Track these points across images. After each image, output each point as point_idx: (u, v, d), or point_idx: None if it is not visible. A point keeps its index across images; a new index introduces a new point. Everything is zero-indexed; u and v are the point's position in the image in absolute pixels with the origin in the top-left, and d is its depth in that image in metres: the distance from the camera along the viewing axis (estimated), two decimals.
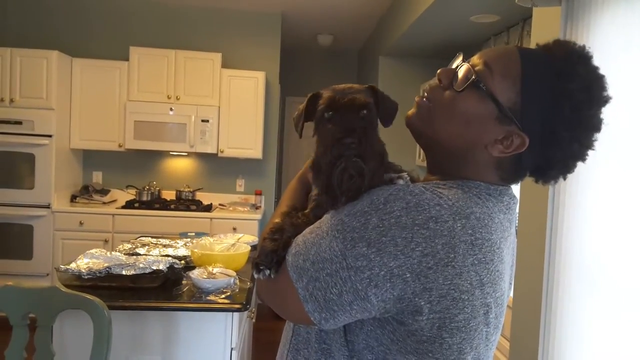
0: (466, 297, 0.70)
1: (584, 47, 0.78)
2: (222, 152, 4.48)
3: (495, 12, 3.31)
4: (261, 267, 0.79)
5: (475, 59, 0.81)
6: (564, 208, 1.82)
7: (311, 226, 0.80)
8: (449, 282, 0.69)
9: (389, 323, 0.74)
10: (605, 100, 0.76)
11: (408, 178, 0.80)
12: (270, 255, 0.80)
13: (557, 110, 0.74)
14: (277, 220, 0.87)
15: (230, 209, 4.53)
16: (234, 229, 4.20)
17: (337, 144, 0.75)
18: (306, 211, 0.89)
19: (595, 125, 0.77)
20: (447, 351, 0.72)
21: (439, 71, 0.84)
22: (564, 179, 0.83)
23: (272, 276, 0.79)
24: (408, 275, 0.68)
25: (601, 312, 1.72)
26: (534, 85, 0.75)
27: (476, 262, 0.71)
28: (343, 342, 0.80)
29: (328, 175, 0.77)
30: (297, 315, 0.78)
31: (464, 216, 0.72)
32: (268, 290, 0.83)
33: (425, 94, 0.84)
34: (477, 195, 0.77)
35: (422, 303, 0.69)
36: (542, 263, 1.94)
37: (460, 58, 0.84)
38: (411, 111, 0.86)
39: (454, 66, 0.84)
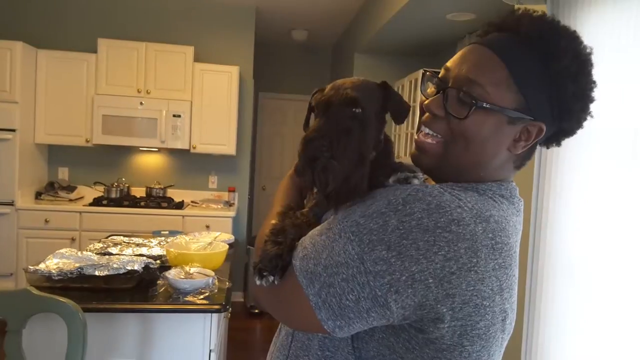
0: (487, 304, 0.68)
1: (547, 16, 0.77)
2: (194, 148, 4.38)
3: (471, 10, 3.32)
4: (264, 274, 0.73)
5: (454, 75, 0.77)
6: (547, 205, 1.84)
7: (318, 227, 0.75)
8: (472, 287, 0.66)
9: (405, 330, 0.71)
10: (590, 54, 0.76)
11: (423, 178, 0.76)
12: (274, 260, 0.74)
13: (561, 89, 0.74)
14: (274, 221, 0.82)
15: (203, 206, 4.44)
16: (207, 226, 4.13)
17: (306, 146, 0.72)
18: (304, 210, 0.85)
19: (593, 82, 0.77)
20: (467, 359, 0.70)
21: (426, 103, 0.80)
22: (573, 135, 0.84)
23: (276, 283, 0.74)
24: (430, 280, 0.65)
25: (583, 309, 1.74)
26: (528, 79, 0.74)
27: (497, 267, 0.69)
28: (350, 350, 0.76)
29: (308, 179, 0.74)
30: (307, 323, 0.73)
31: (484, 219, 0.69)
32: (271, 297, 0.78)
33: (425, 130, 0.80)
34: (492, 197, 0.75)
35: (444, 310, 0.66)
36: (525, 261, 1.95)
37: (428, 76, 0.82)
38: (416, 152, 0.82)
39: (427, 87, 0.82)
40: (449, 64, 0.80)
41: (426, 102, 0.80)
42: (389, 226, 0.66)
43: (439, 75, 0.81)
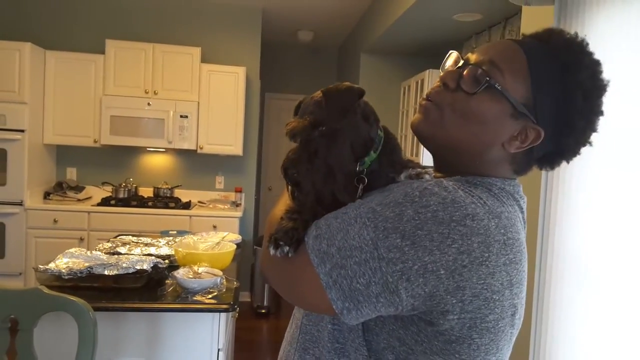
0: (497, 298, 0.69)
1: (578, 35, 0.80)
2: (201, 148, 4.40)
3: (477, 11, 3.32)
4: (280, 243, 0.75)
5: (477, 57, 0.80)
6: (555, 205, 1.84)
7: (333, 212, 0.76)
8: (482, 281, 0.68)
9: (414, 323, 0.72)
10: (607, 85, 0.78)
11: (433, 174, 0.79)
12: (290, 232, 0.76)
13: (570, 101, 0.76)
14: (289, 202, 0.84)
15: (210, 206, 4.46)
16: (214, 226, 4.14)
17: (285, 174, 0.78)
18: None
19: (601, 110, 0.78)
20: (475, 352, 0.71)
21: (442, 74, 0.82)
22: (568, 162, 0.85)
23: (290, 255, 0.75)
24: (442, 272, 0.66)
25: (592, 310, 1.74)
26: (543, 80, 0.76)
27: (508, 262, 0.70)
28: (361, 341, 0.77)
29: (297, 201, 0.81)
30: (313, 301, 0.75)
31: (496, 215, 0.71)
32: (281, 271, 0.79)
33: (431, 98, 0.83)
34: (499, 194, 0.77)
35: (454, 301, 0.67)
36: (533, 260, 1.95)
37: (454, 56, 0.84)
38: (417, 116, 0.84)
39: (449, 65, 0.83)
40: (476, 48, 0.83)
41: (442, 73, 0.83)
42: (404, 216, 0.68)
43: (464, 56, 0.83)
